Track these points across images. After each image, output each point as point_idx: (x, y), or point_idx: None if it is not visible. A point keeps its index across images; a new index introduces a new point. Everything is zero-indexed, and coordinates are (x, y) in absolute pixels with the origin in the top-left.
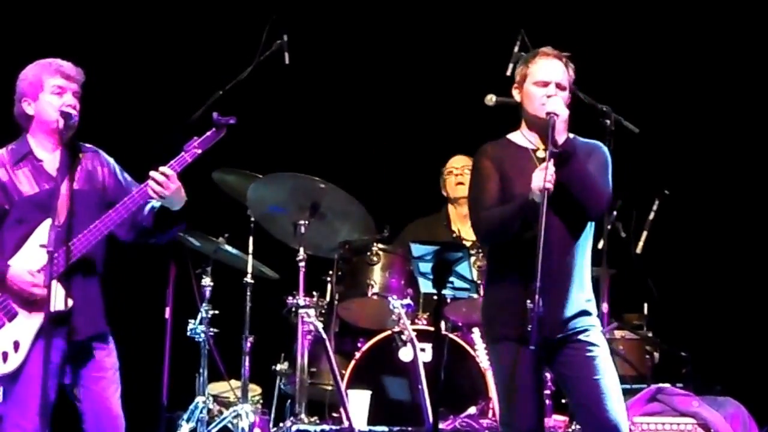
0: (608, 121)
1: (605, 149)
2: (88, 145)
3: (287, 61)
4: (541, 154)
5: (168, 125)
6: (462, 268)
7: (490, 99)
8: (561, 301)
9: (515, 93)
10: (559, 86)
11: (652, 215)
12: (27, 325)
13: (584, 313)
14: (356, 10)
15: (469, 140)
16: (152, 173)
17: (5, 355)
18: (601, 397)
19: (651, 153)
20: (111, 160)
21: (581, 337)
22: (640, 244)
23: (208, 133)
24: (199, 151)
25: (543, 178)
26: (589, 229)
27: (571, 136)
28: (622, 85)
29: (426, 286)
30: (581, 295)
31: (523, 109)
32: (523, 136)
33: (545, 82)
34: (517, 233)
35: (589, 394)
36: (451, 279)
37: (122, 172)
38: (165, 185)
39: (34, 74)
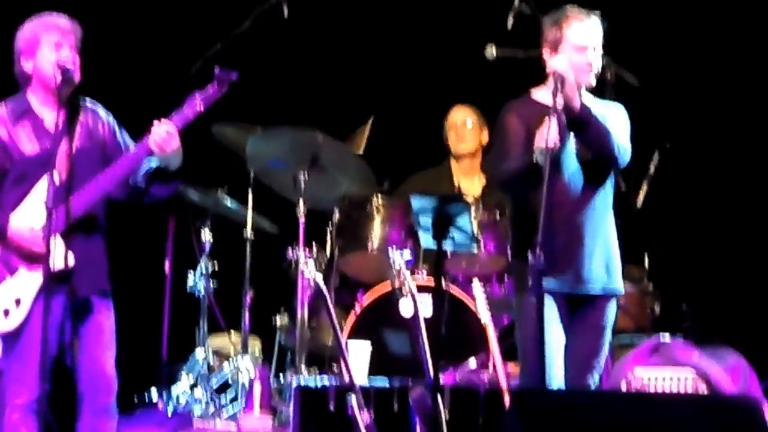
0: (608, 74)
1: (621, 109)
2: (87, 100)
3: (286, 15)
4: None
5: (167, 77)
6: (462, 221)
7: (491, 52)
8: (581, 257)
9: (545, 54)
10: (596, 48)
11: (652, 168)
12: (28, 281)
13: (605, 272)
14: None
15: (471, 90)
16: (154, 126)
17: (6, 312)
18: (589, 372)
19: (651, 105)
20: (110, 118)
21: (602, 306)
22: (641, 197)
23: (210, 89)
24: (200, 108)
25: (544, 137)
26: (609, 187)
27: (590, 96)
28: (622, 37)
29: (426, 240)
30: (603, 252)
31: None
32: (548, 94)
33: (584, 46)
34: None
35: (581, 368)
36: (452, 232)
37: (121, 131)
38: (165, 141)
39: (30, 31)
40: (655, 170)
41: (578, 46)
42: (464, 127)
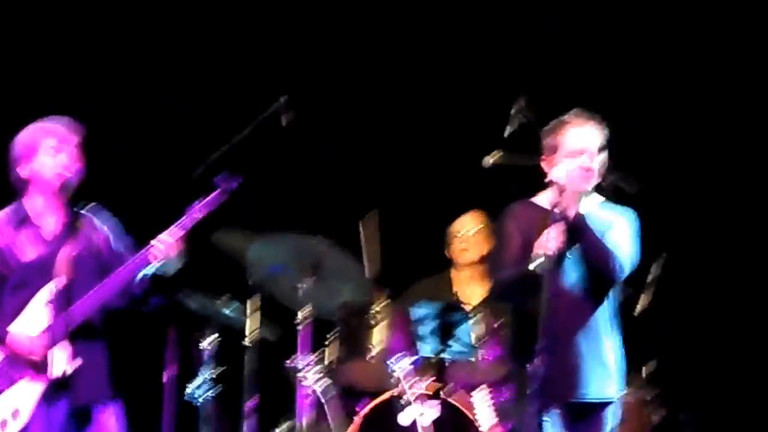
0: (604, 181)
1: (630, 215)
2: (86, 208)
3: (284, 123)
4: None
5: (168, 184)
6: (461, 331)
7: (487, 161)
8: (580, 367)
9: (543, 165)
10: (592, 153)
11: (650, 278)
12: (28, 391)
13: (607, 380)
14: (356, 71)
15: (474, 200)
16: (153, 241)
17: (4, 423)
18: None
19: (651, 213)
20: (105, 228)
21: (601, 414)
22: (639, 305)
23: (211, 196)
24: (201, 216)
25: (543, 244)
26: (612, 296)
27: (601, 200)
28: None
29: (425, 350)
30: (605, 359)
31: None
32: (547, 199)
33: (580, 151)
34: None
35: None
36: (450, 342)
37: (117, 240)
38: (166, 251)
39: (28, 136)
40: (655, 279)
41: (574, 151)
42: (467, 237)
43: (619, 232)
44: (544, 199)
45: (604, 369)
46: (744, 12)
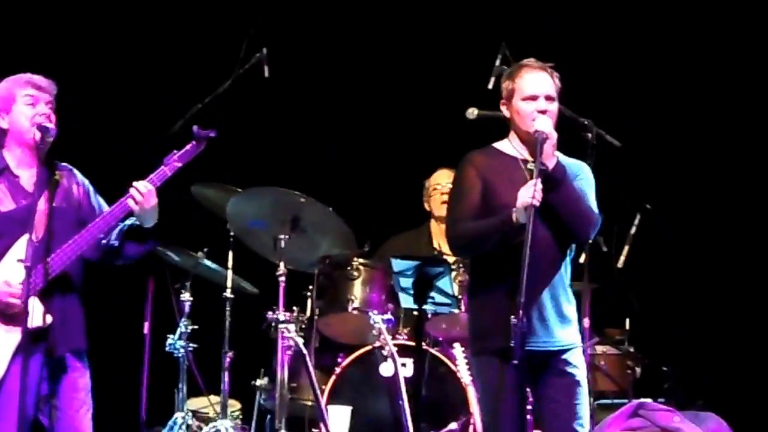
0: (590, 135)
1: (589, 169)
2: (63, 164)
3: (267, 74)
4: (531, 166)
5: (147, 138)
6: (443, 283)
7: (471, 112)
8: (545, 317)
9: (503, 108)
10: (548, 98)
11: (633, 229)
12: (5, 340)
13: (567, 329)
14: (336, 22)
15: (452, 153)
16: (133, 185)
17: None
18: (576, 421)
19: (632, 167)
20: (86, 181)
21: (565, 356)
22: (622, 258)
23: (188, 147)
24: (179, 165)
25: (530, 194)
26: (569, 254)
27: (557, 155)
28: (604, 98)
29: (406, 302)
30: (564, 310)
31: (513, 123)
32: (512, 146)
33: (534, 96)
34: (502, 247)
35: (566, 419)
36: (432, 294)
37: (95, 195)
38: (145, 199)
39: (4, 88)
40: (637, 231)
41: (528, 96)
42: (448, 189)
43: (581, 185)
44: (505, 145)
45: (565, 320)
46: None
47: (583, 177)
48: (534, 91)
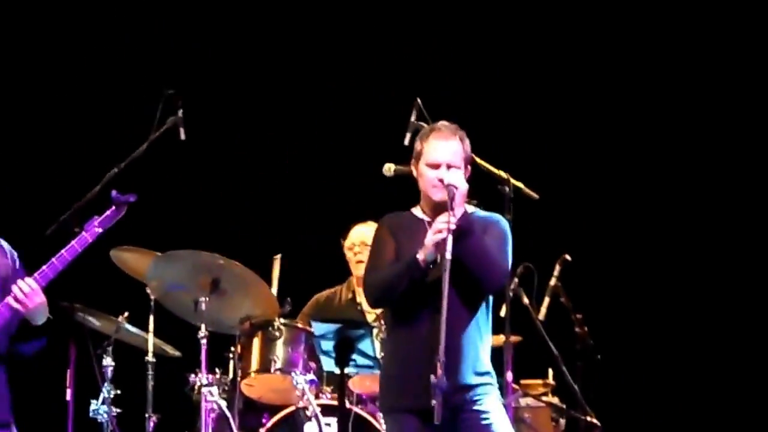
0: (507, 188)
1: (504, 222)
2: None
3: (183, 137)
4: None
5: (63, 205)
6: (364, 345)
7: (389, 169)
8: (457, 373)
9: (413, 168)
10: (451, 166)
11: (553, 281)
12: None
13: (480, 383)
14: (251, 82)
15: (372, 208)
16: (16, 283)
17: None
18: None
19: (551, 218)
20: (14, 253)
21: (476, 407)
22: (543, 310)
23: (108, 212)
24: (100, 230)
25: (439, 228)
26: (487, 301)
27: (471, 208)
28: (522, 150)
29: (328, 365)
30: (477, 365)
31: (419, 183)
32: (420, 210)
33: (436, 164)
34: (413, 303)
35: None
36: (353, 357)
37: (21, 265)
38: (28, 298)
39: None
40: (557, 282)
41: (431, 163)
42: (362, 248)
43: (493, 238)
44: (417, 208)
45: (480, 373)
46: None
47: (493, 229)
48: (437, 159)
